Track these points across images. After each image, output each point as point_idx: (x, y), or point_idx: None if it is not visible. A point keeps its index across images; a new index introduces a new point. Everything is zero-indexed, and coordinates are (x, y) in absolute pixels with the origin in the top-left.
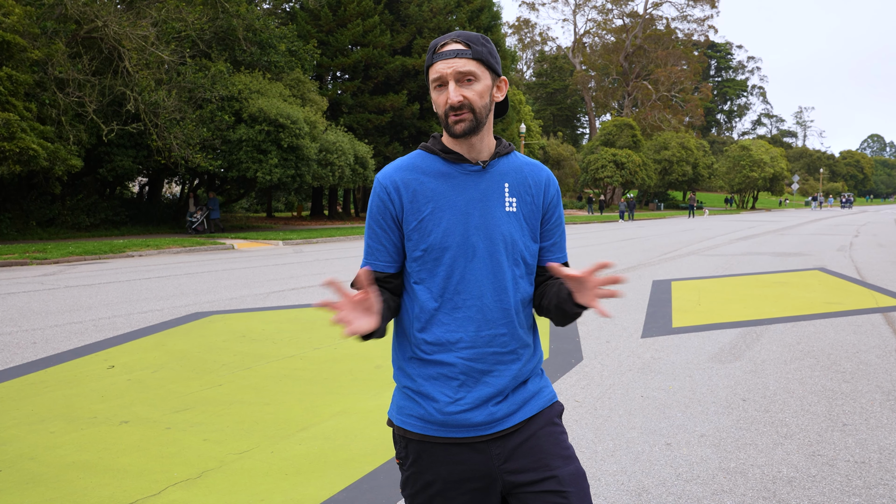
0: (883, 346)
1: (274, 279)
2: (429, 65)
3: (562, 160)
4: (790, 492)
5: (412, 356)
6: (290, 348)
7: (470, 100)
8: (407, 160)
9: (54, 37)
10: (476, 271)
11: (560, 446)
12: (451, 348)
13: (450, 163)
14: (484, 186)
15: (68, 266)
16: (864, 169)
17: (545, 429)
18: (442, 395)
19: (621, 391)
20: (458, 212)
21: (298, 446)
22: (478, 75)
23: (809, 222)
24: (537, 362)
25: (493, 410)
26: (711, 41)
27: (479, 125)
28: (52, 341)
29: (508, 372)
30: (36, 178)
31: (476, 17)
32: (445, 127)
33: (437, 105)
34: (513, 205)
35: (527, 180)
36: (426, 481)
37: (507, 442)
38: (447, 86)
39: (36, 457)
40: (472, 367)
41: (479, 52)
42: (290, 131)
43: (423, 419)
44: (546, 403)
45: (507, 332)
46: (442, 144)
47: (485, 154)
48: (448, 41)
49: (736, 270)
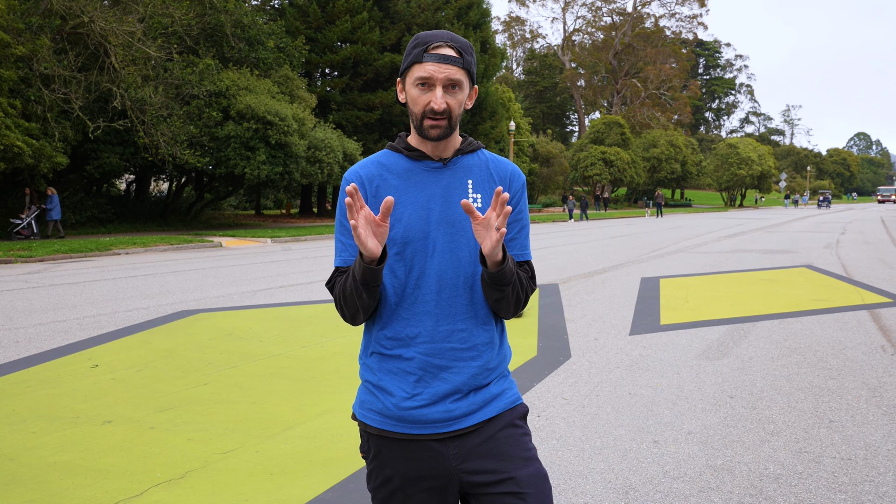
0: (869, 343)
1: (262, 277)
2: (416, 61)
3: (551, 158)
4: (777, 489)
5: (374, 351)
6: (277, 346)
7: (451, 108)
8: (372, 158)
9: (39, 32)
10: (436, 266)
11: (520, 448)
12: (409, 343)
13: (412, 160)
14: (446, 182)
15: (54, 264)
16: (850, 167)
17: (505, 430)
18: (399, 390)
19: (609, 389)
20: (420, 207)
21: (284, 445)
22: (463, 85)
23: (797, 220)
24: (501, 361)
25: (450, 408)
26: (700, 39)
27: (452, 131)
28: (35, 340)
29: (468, 369)
30: (21, 176)
31: (465, 13)
32: (418, 127)
33: (416, 103)
34: (477, 200)
35: (492, 176)
36: (386, 476)
37: (465, 441)
38: (433, 88)
39: (16, 457)
40: (429, 361)
41: (469, 62)
42: (278, 128)
43: (381, 413)
44: (508, 405)
45: (467, 327)
46: (406, 143)
47: (449, 152)
48: (441, 43)
49: (724, 268)
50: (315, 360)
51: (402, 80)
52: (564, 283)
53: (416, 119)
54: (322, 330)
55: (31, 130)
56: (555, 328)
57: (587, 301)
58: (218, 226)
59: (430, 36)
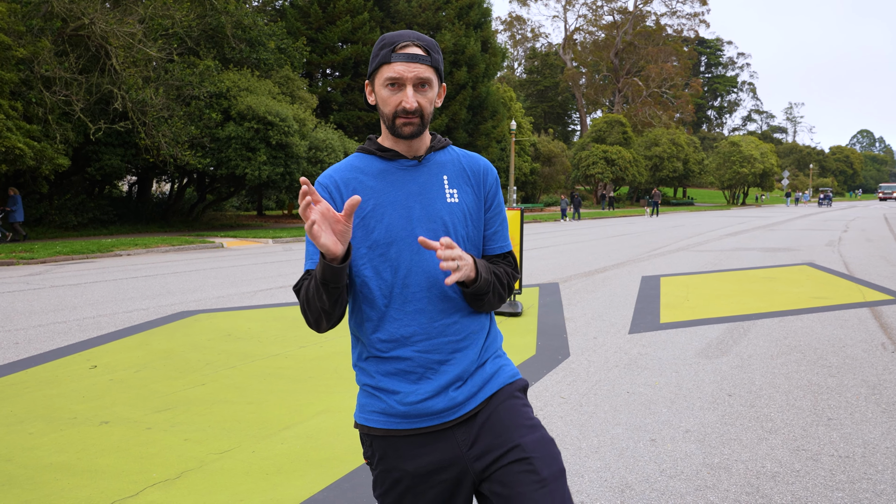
0: (869, 341)
1: (262, 277)
2: (385, 62)
3: (553, 157)
4: (774, 487)
5: (369, 356)
6: (276, 347)
7: (422, 106)
8: (345, 162)
9: (40, 34)
10: (423, 263)
11: (522, 416)
12: (406, 343)
13: (386, 160)
14: (423, 180)
15: (55, 265)
16: (853, 164)
17: (505, 402)
18: (401, 388)
19: (607, 387)
20: (400, 206)
21: (280, 445)
22: (432, 83)
23: (799, 218)
24: (492, 342)
25: (453, 395)
26: (701, 37)
27: (424, 129)
28: (34, 341)
29: (466, 358)
30: (23, 178)
31: (466, 13)
32: (390, 127)
33: (387, 104)
34: (454, 195)
35: (465, 171)
36: (394, 479)
37: (470, 425)
38: (403, 88)
39: (12, 458)
40: (428, 358)
41: (437, 59)
42: (278, 129)
43: (385, 413)
44: (506, 381)
45: (458, 319)
46: (378, 144)
47: (422, 150)
48: (408, 42)
49: (725, 266)
50: (313, 361)
51: (371, 82)
52: (565, 281)
53: (388, 119)
54: None
55: (32, 132)
56: (554, 327)
57: (587, 300)
58: (220, 227)
59: (397, 36)
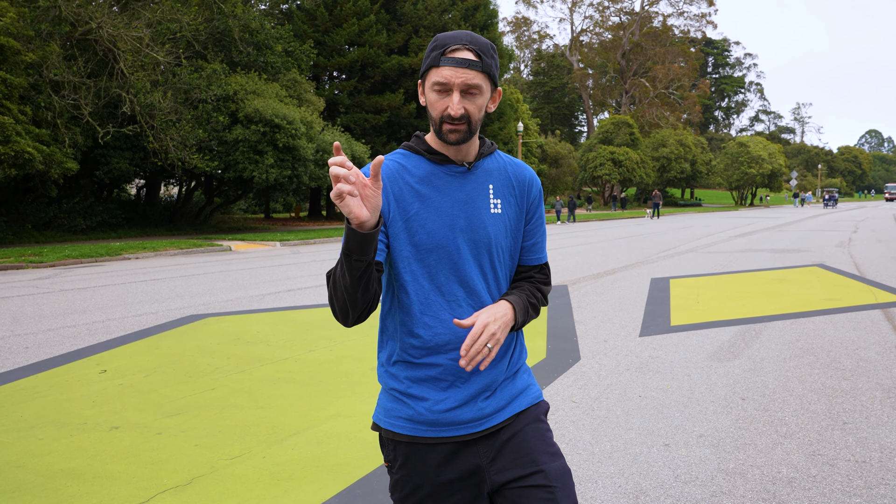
0: (883, 343)
1: (270, 280)
2: (434, 65)
3: (560, 158)
4: (790, 493)
5: (399, 359)
6: (285, 350)
7: (470, 113)
8: (392, 156)
9: (49, 39)
10: (461, 273)
11: (546, 443)
12: (440, 351)
13: (434, 163)
14: (469, 188)
15: (64, 269)
16: (861, 164)
17: (532, 425)
18: (431, 395)
19: (619, 391)
20: (444, 213)
21: (291, 451)
22: (482, 89)
23: (808, 218)
24: (520, 355)
25: (481, 406)
26: (708, 38)
27: (472, 136)
28: (44, 346)
29: (495, 369)
30: (32, 182)
31: (471, 15)
32: (437, 132)
33: (434, 108)
34: (497, 206)
35: (510, 180)
36: (415, 484)
37: (495, 439)
38: (450, 93)
39: (23, 464)
40: (460, 367)
41: (489, 65)
42: (286, 132)
43: (411, 420)
44: (533, 400)
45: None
46: (426, 144)
47: (470, 156)
48: (459, 46)
49: (734, 267)
50: (323, 364)
51: (422, 82)
52: (574, 284)
53: (435, 123)
54: (330, 333)
55: (41, 136)
56: (564, 330)
57: (596, 302)
58: (227, 230)
59: (449, 38)
